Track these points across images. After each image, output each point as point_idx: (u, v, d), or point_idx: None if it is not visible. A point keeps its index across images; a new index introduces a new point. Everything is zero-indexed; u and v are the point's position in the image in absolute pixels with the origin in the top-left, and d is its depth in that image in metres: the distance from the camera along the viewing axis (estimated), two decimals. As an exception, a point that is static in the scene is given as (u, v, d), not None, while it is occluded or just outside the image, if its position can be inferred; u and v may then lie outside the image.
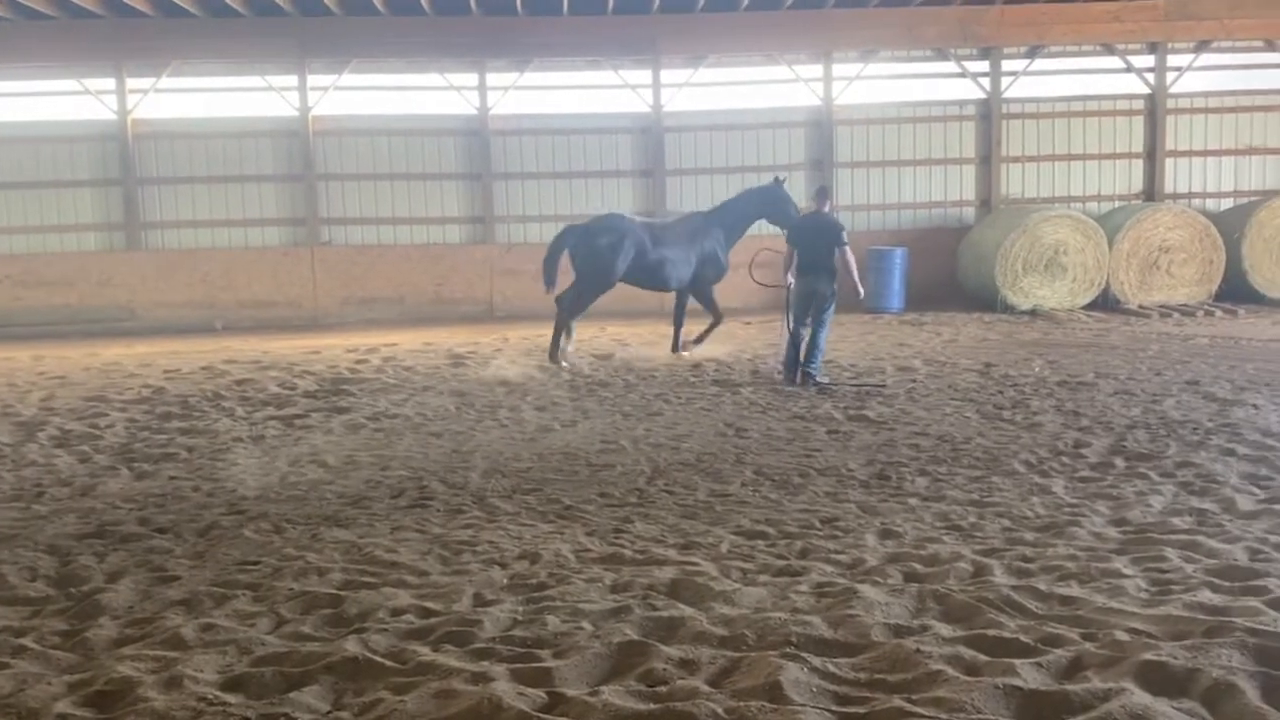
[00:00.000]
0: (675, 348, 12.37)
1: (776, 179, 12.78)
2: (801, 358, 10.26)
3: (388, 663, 3.71)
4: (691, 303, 12.73)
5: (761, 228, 13.53)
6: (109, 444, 8.18)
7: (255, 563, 5.04)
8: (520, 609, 4.24)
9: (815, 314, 10.42)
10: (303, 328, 16.88)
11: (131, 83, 17.51)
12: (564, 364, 11.75)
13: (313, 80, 17.72)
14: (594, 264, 12.14)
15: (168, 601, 4.51)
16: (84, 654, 3.96)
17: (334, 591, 4.55)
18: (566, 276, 12.33)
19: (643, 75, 18.07)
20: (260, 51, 17.47)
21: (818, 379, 10.14)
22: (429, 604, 4.34)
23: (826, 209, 10.84)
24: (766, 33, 17.71)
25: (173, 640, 4.02)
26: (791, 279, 10.77)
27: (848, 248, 10.43)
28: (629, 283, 12.52)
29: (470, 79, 17.98)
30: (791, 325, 10.55)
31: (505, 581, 4.62)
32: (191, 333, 16.47)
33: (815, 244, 10.54)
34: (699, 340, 12.51)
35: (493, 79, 17.98)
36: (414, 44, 17.54)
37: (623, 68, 18.04)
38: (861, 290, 10.89)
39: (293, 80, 17.71)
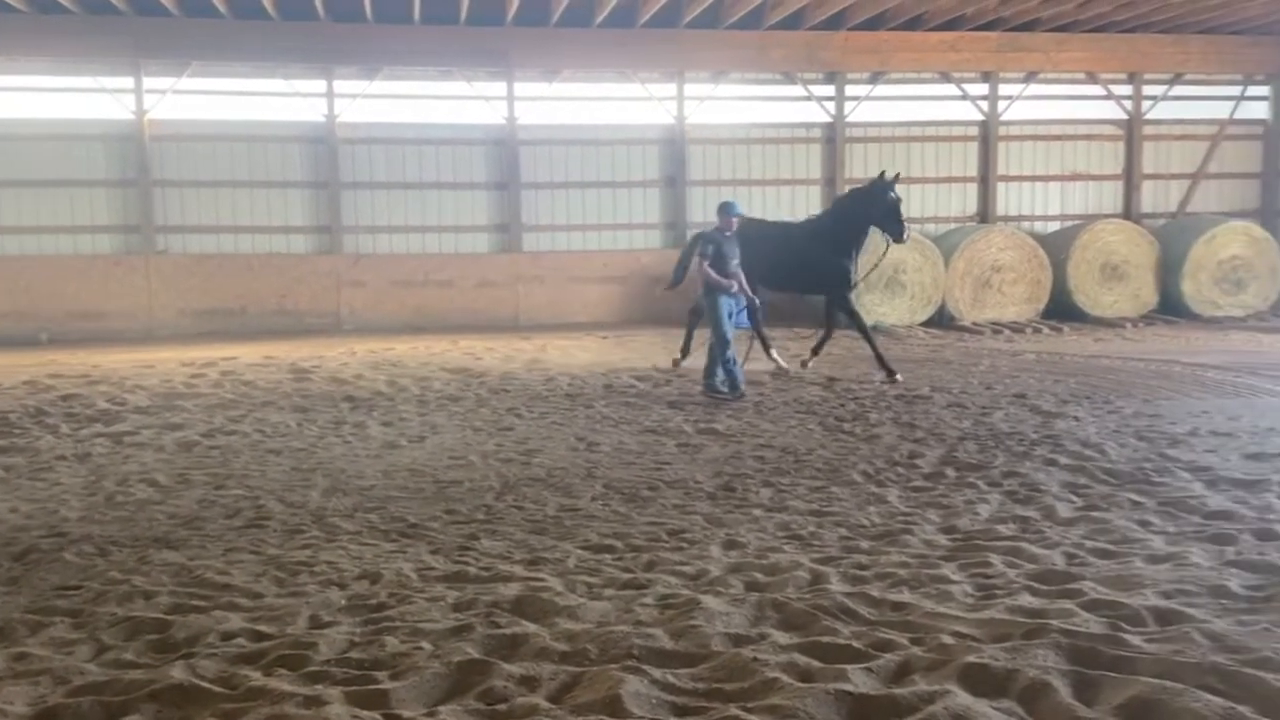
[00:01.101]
0: (883, 367, 11.24)
1: (883, 174, 11.64)
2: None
3: (216, 688, 3.57)
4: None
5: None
6: (-85, 464, 7.63)
7: (76, 587, 4.78)
8: (358, 630, 4.13)
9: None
10: (136, 340, 16.15)
11: (-51, 79, 16.51)
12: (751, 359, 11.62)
13: (149, 82, 17.04)
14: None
15: (-24, 631, 4.23)
16: (-123, 691, 3.67)
17: (161, 616, 4.35)
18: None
19: (497, 87, 18.02)
20: (92, 50, 16.70)
21: (719, 387, 10.31)
22: (262, 627, 4.19)
23: (729, 228, 10.53)
24: (621, 50, 17.91)
25: (-20, 672, 3.77)
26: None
27: (700, 259, 10.49)
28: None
29: (318, 85, 17.60)
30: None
31: (343, 602, 4.50)
32: (14, 345, 15.57)
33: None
34: (814, 353, 12.09)
35: (341, 86, 17.64)
36: (258, 48, 17.05)
37: (476, 79, 17.95)
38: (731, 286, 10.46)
39: (128, 82, 17.00)
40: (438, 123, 18.09)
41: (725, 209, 10.64)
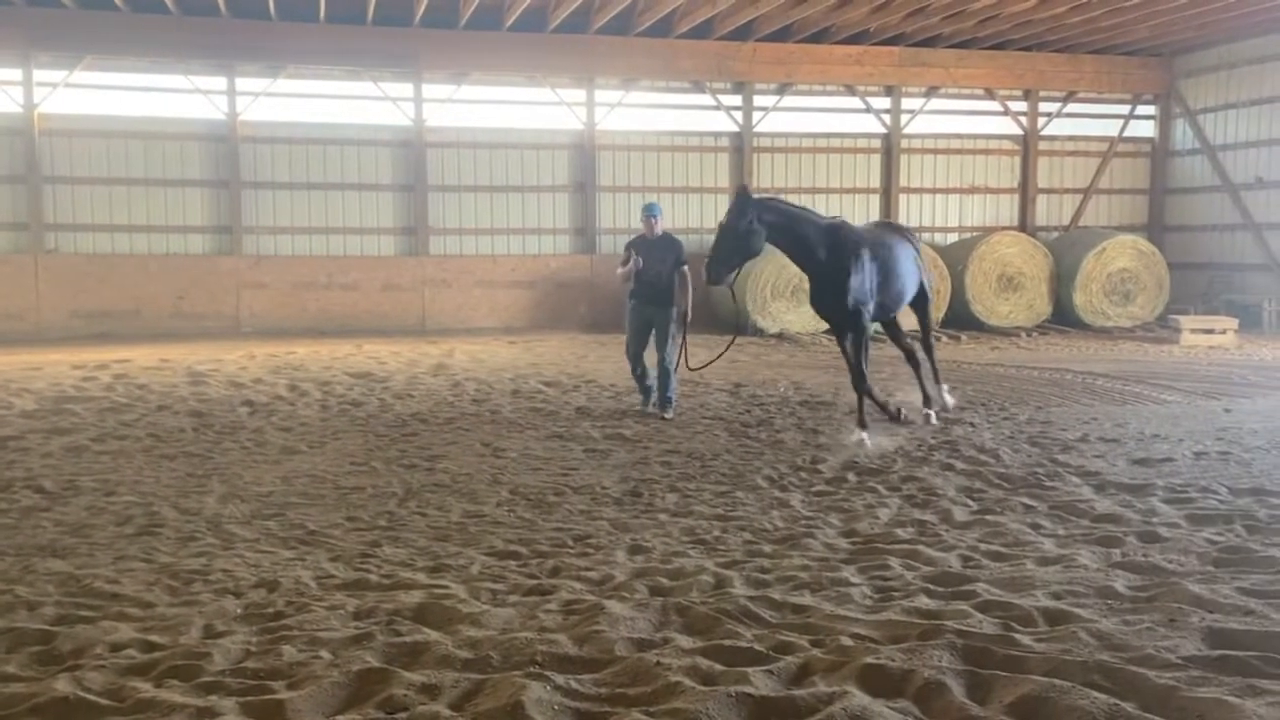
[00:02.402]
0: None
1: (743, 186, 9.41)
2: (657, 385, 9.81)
3: (103, 701, 3.45)
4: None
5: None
6: None
7: (-48, 600, 4.57)
8: (254, 639, 4.04)
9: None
10: (24, 342, 15.54)
11: None
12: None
13: (40, 75, 16.45)
14: None
15: None
16: None
17: (45, 627, 4.19)
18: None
19: (404, 89, 17.82)
20: (-23, 40, 16.05)
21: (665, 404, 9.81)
22: (153, 637, 4.06)
23: (650, 231, 9.83)
24: (531, 55, 17.86)
25: None
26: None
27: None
28: None
29: (218, 82, 17.17)
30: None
31: (239, 611, 4.38)
32: (-111, 346, 14.83)
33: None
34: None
35: (243, 84, 17.25)
36: (157, 43, 16.58)
37: (383, 79, 17.72)
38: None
39: (16, 74, 16.37)
40: (343, 123, 17.80)
41: (644, 211, 10.02)
